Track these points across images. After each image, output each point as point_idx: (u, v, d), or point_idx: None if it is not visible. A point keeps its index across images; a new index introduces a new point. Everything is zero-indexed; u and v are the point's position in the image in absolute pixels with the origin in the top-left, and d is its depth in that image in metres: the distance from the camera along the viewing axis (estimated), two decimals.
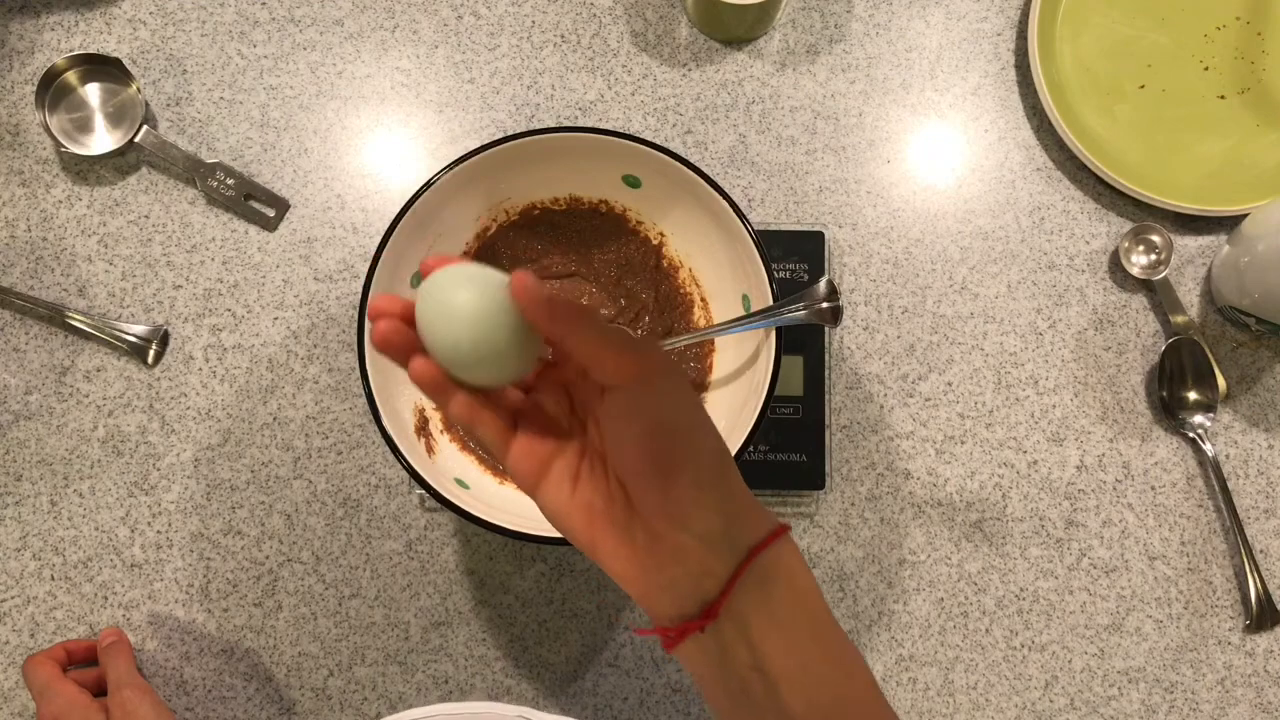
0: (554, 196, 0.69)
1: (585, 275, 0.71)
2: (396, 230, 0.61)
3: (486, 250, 0.70)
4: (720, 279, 0.68)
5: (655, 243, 0.70)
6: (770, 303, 0.62)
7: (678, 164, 0.62)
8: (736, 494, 0.41)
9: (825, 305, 0.62)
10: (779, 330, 0.61)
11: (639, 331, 0.70)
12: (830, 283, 0.63)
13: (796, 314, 0.62)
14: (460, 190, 0.64)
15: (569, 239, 0.71)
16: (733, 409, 0.65)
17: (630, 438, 0.40)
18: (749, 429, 0.60)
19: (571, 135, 0.62)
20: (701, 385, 0.70)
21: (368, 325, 0.56)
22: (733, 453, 0.57)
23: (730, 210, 0.62)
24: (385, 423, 0.60)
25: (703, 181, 0.62)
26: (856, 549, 0.72)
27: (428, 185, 0.61)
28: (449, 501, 0.59)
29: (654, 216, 0.69)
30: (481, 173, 0.63)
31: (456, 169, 0.62)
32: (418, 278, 0.64)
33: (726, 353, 0.69)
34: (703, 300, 0.70)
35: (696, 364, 0.70)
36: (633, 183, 0.66)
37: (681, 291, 0.71)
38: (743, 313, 0.65)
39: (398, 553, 0.72)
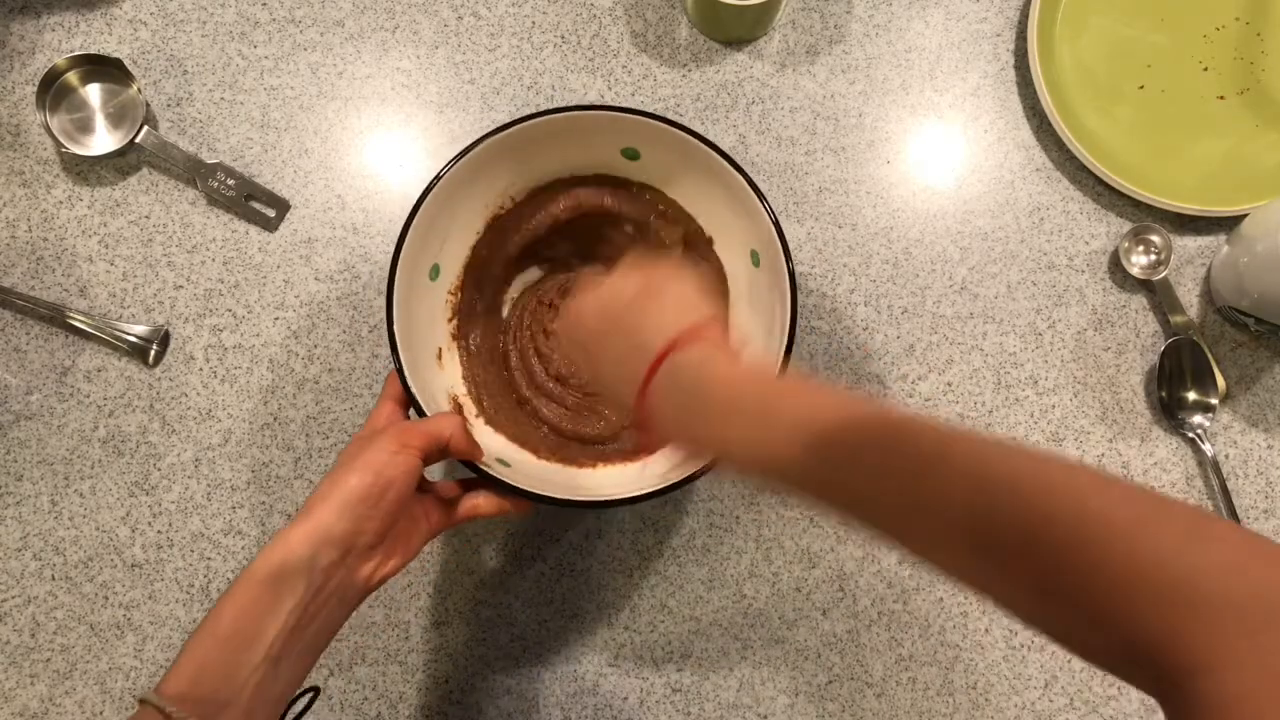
0: (555, 177, 0.69)
1: (604, 233, 0.72)
2: (411, 229, 0.62)
3: (495, 229, 0.70)
4: (729, 240, 0.68)
5: (661, 208, 0.71)
6: (780, 251, 0.61)
7: (673, 129, 0.62)
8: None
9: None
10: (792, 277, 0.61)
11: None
12: None
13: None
14: (464, 182, 0.64)
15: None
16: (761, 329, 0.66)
17: None
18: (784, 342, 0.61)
19: (571, 115, 0.63)
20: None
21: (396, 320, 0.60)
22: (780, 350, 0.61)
23: (730, 168, 0.62)
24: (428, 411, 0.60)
25: (697, 142, 0.62)
26: (856, 549, 0.72)
27: (437, 179, 0.62)
28: (499, 480, 0.59)
29: (655, 184, 0.70)
30: (489, 160, 0.64)
31: (467, 157, 0.62)
32: (436, 270, 0.65)
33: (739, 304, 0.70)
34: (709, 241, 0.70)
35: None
36: (631, 155, 0.67)
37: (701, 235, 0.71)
38: (753, 268, 0.66)
39: None
